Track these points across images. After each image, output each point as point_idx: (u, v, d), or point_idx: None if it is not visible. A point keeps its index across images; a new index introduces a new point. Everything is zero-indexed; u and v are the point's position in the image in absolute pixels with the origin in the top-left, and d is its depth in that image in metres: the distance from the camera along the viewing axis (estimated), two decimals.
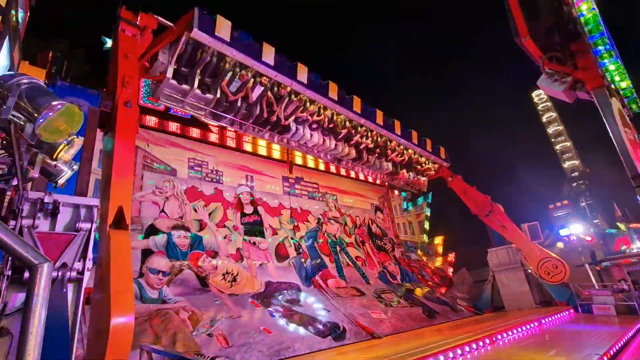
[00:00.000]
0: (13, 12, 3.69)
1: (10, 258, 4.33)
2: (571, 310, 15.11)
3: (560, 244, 19.13)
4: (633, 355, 8.73)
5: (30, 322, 3.19)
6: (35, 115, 3.00)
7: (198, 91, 10.12)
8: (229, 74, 10.37)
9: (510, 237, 16.96)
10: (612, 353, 8.20)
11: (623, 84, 8.50)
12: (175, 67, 9.63)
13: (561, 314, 14.10)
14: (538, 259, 15.84)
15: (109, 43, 15.30)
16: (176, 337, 8.69)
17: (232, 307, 10.92)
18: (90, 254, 6.10)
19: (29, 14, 5.08)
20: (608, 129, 7.87)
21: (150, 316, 9.06)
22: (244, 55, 10.20)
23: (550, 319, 13.05)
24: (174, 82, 9.71)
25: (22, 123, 3.18)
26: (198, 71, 9.96)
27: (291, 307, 12.05)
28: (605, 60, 8.08)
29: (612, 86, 8.43)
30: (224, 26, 9.69)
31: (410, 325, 13.54)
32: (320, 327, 11.39)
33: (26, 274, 3.62)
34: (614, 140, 7.81)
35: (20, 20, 4.36)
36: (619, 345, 8.95)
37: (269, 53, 10.84)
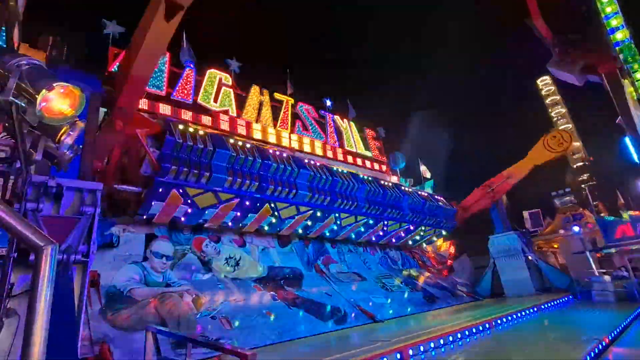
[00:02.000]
0: None
1: (15, 240, 4.37)
2: (570, 297, 15.25)
3: (561, 231, 19.17)
4: (631, 341, 8.84)
5: (37, 303, 3.23)
6: (37, 97, 2.97)
7: None
8: None
9: (519, 172, 17.31)
10: (610, 338, 8.30)
11: (636, 66, 8.33)
12: None
13: (560, 300, 14.24)
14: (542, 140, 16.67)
15: (108, 27, 15.10)
16: (180, 320, 8.85)
17: (235, 290, 11.07)
18: (94, 237, 6.18)
19: None
20: (618, 111, 7.75)
21: (154, 299, 9.21)
22: None
23: (549, 304, 13.18)
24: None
25: (24, 105, 3.14)
26: None
27: (293, 291, 12.21)
28: (620, 40, 7.88)
29: (625, 68, 8.27)
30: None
31: (411, 310, 13.73)
32: (322, 310, 11.56)
33: (31, 256, 3.66)
34: (623, 123, 7.71)
35: (19, 1, 4.29)
36: (617, 330, 9.05)
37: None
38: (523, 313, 11.19)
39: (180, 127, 10.59)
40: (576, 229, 18.03)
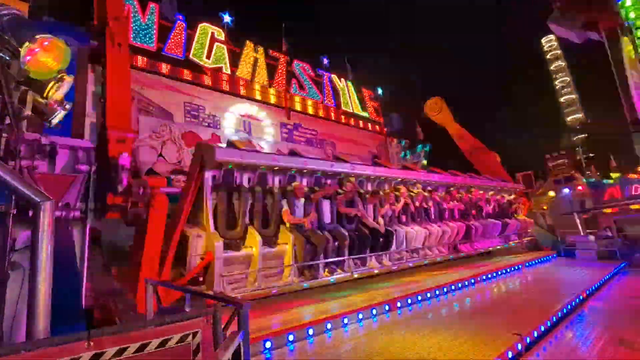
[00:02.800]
0: None
1: (13, 197, 4.45)
2: (555, 255, 15.92)
3: (551, 193, 19.58)
4: (607, 294, 9.41)
5: (39, 256, 3.39)
6: (20, 50, 2.91)
7: (266, 248, 7.82)
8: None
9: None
10: (587, 293, 8.83)
11: (639, 22, 8.09)
12: None
13: (545, 258, 14.89)
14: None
15: None
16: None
17: None
18: (92, 196, 6.27)
19: None
20: (613, 70, 7.68)
21: None
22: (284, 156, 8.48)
23: (533, 262, 13.80)
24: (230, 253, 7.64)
25: (8, 59, 3.08)
26: None
27: None
28: None
29: (626, 25, 8.03)
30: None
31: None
32: None
33: (30, 213, 3.76)
34: (617, 81, 7.66)
35: None
36: (595, 286, 9.60)
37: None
38: (508, 270, 11.74)
39: None
40: (566, 191, 18.42)
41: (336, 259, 8.24)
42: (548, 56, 35.06)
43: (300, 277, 7.70)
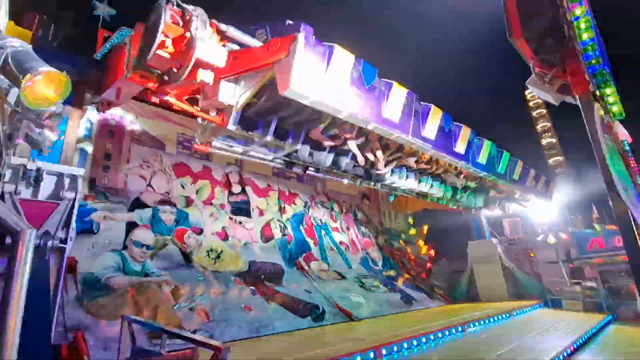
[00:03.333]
0: None
1: None
2: (542, 304, 15.79)
3: (538, 239, 19.77)
4: (595, 348, 9.26)
5: (12, 288, 3.20)
6: (21, 80, 2.94)
7: (271, 137, 7.98)
8: (325, 124, 8.01)
9: None
10: (575, 346, 8.68)
11: (608, 90, 8.72)
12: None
13: (532, 307, 14.74)
14: None
15: (99, 8, 14.74)
16: (158, 310, 8.82)
17: (214, 283, 11.07)
18: (73, 223, 6.09)
19: None
20: (588, 133, 8.13)
21: (132, 288, 9.13)
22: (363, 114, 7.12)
23: (520, 310, 13.63)
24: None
25: (7, 87, 3.11)
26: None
27: (273, 287, 12.27)
28: (594, 66, 8.26)
29: (597, 92, 8.66)
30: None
31: (388, 310, 13.97)
32: (301, 307, 11.66)
33: (8, 240, 3.62)
34: (592, 145, 8.08)
35: None
36: (584, 338, 9.47)
37: (394, 105, 7.72)
38: (495, 318, 11.55)
39: None
40: (551, 239, 18.63)
41: None
42: (530, 104, 37.10)
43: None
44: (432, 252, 22.30)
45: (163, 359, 2.51)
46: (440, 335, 8.70)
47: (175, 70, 5.49)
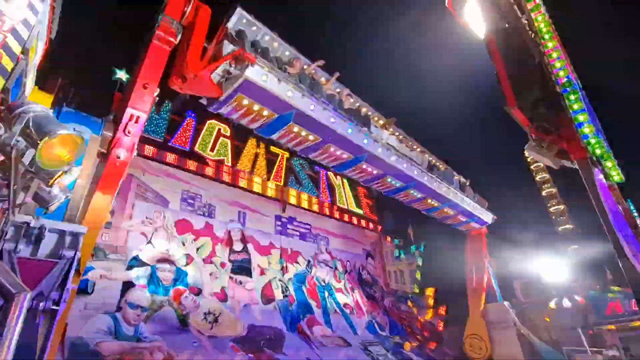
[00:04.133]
0: (33, 44, 3.88)
1: None
2: None
3: (552, 304, 18.76)
4: None
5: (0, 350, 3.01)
6: (38, 142, 3.05)
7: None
8: None
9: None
10: None
11: (608, 163, 8.97)
12: None
13: None
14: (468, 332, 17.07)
15: (118, 74, 15.88)
16: None
17: (210, 350, 10.35)
18: (69, 284, 5.87)
19: (47, 46, 5.32)
20: (591, 197, 8.17)
21: (123, 355, 8.53)
22: None
23: None
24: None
25: (24, 148, 3.21)
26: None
27: (273, 355, 11.44)
28: (588, 134, 8.58)
29: (594, 157, 8.89)
30: None
31: None
32: None
33: (0, 302, 3.46)
34: (596, 209, 8.07)
35: (38, 51, 4.56)
36: None
37: None
38: None
39: None
40: (567, 302, 17.69)
41: None
42: (532, 167, 37.37)
43: None
44: (442, 317, 21.08)
45: None
46: None
47: None
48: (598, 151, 8.66)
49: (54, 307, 5.39)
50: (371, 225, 24.15)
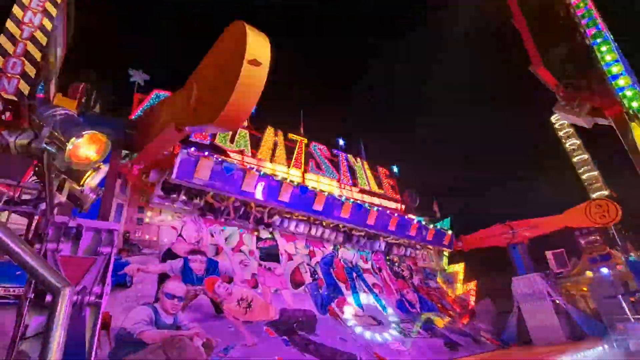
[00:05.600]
0: (52, 50, 3.99)
1: (33, 282, 4.44)
2: (606, 346, 14.11)
3: (589, 273, 18.16)
4: None
5: (50, 347, 3.20)
6: (67, 144, 3.15)
7: (184, 198, 12.91)
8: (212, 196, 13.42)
9: (548, 226, 16.85)
10: None
11: None
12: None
13: (594, 350, 13.18)
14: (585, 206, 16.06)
15: (134, 75, 16.19)
16: None
17: (246, 334, 10.72)
18: (108, 279, 6.19)
19: (65, 51, 5.46)
20: (629, 153, 7.70)
21: (164, 343, 8.98)
22: (223, 189, 13.03)
23: (582, 354, 12.21)
24: (161, 193, 12.52)
25: (55, 152, 3.34)
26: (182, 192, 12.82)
27: (306, 336, 11.73)
28: (624, 87, 8.01)
29: (631, 111, 8.31)
30: (204, 168, 12.30)
31: (431, 358, 12.91)
32: (337, 357, 10.99)
33: (48, 298, 3.69)
34: (636, 166, 7.61)
35: (58, 56, 4.69)
36: None
37: (250, 182, 13.30)
38: None
39: None
40: (605, 270, 17.08)
41: None
42: (560, 134, 35.58)
43: None
44: (473, 292, 20.91)
45: None
46: None
47: None
48: (635, 104, 8.10)
49: (97, 300, 5.72)
50: (394, 206, 23.96)
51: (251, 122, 18.83)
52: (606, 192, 30.76)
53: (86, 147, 3.05)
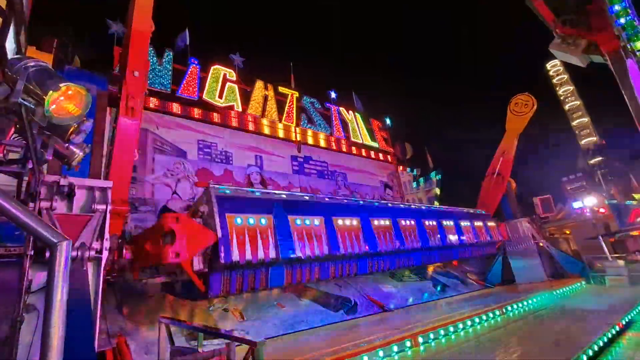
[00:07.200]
0: None
1: (32, 239, 4.52)
2: (583, 282, 15.13)
3: (573, 216, 18.93)
4: None
5: (54, 298, 3.35)
6: (45, 98, 3.05)
7: None
8: None
9: (508, 145, 17.89)
10: (624, 323, 8.25)
11: (639, 44, 8.15)
12: None
13: (572, 286, 14.14)
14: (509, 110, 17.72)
15: (112, 27, 15.23)
16: (194, 312, 9.05)
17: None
18: (107, 234, 6.32)
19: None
20: (623, 92, 7.64)
21: (166, 293, 9.42)
22: None
23: (561, 290, 13.11)
24: None
25: (33, 107, 3.24)
26: None
27: (304, 283, 12.33)
28: (622, 19, 7.73)
29: (628, 47, 8.10)
30: None
31: (421, 299, 13.78)
32: (332, 301, 11.68)
33: (47, 254, 3.80)
34: (628, 104, 7.59)
35: (24, 3, 4.37)
36: (632, 314, 8.99)
37: None
38: (534, 300, 11.16)
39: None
40: (588, 213, 17.79)
41: None
42: (555, 81, 35.07)
43: None
44: None
45: (199, 356, 2.56)
46: (477, 320, 8.49)
47: None
48: (633, 37, 7.88)
49: (98, 255, 5.90)
50: (387, 158, 24.11)
51: (239, 76, 18.21)
52: (595, 139, 31.10)
53: (66, 100, 2.95)
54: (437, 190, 23.91)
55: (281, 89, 19.66)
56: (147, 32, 7.73)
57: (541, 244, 17.20)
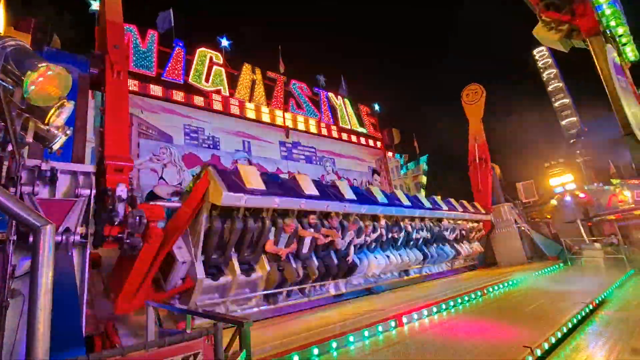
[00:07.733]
0: None
1: (14, 224, 4.46)
2: (561, 264, 15.73)
3: (553, 202, 19.52)
4: (617, 303, 9.24)
5: (39, 281, 3.34)
6: (23, 78, 2.98)
7: (243, 276, 7.65)
8: (272, 231, 7.97)
9: (476, 131, 18.80)
10: (597, 302, 8.67)
11: (620, 30, 8.29)
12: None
13: (551, 268, 14.70)
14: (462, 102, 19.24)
15: (94, 5, 14.64)
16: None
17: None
18: (92, 219, 6.26)
19: None
20: (601, 76, 7.81)
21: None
22: (285, 197, 7.88)
23: (540, 272, 13.62)
24: (209, 281, 7.23)
25: (11, 88, 3.15)
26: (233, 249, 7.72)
27: None
28: (603, 4, 7.83)
29: (608, 32, 8.24)
30: (251, 174, 7.55)
31: (406, 281, 14.12)
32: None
33: (31, 238, 3.76)
34: (605, 88, 7.77)
35: None
36: (604, 295, 9.44)
37: (306, 182, 8.73)
38: (513, 280, 11.59)
39: None
40: (568, 198, 18.36)
41: (298, 287, 8.81)
42: (540, 65, 35.65)
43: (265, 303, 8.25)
44: None
45: (187, 335, 2.62)
46: (459, 300, 8.80)
47: None
48: (613, 23, 8.01)
49: (83, 240, 5.85)
50: (376, 143, 24.21)
51: (226, 59, 17.85)
52: (575, 119, 31.89)
53: (45, 81, 2.88)
54: (424, 179, 24.23)
55: (269, 73, 19.39)
56: (120, 22, 7.83)
57: (522, 228, 17.74)
